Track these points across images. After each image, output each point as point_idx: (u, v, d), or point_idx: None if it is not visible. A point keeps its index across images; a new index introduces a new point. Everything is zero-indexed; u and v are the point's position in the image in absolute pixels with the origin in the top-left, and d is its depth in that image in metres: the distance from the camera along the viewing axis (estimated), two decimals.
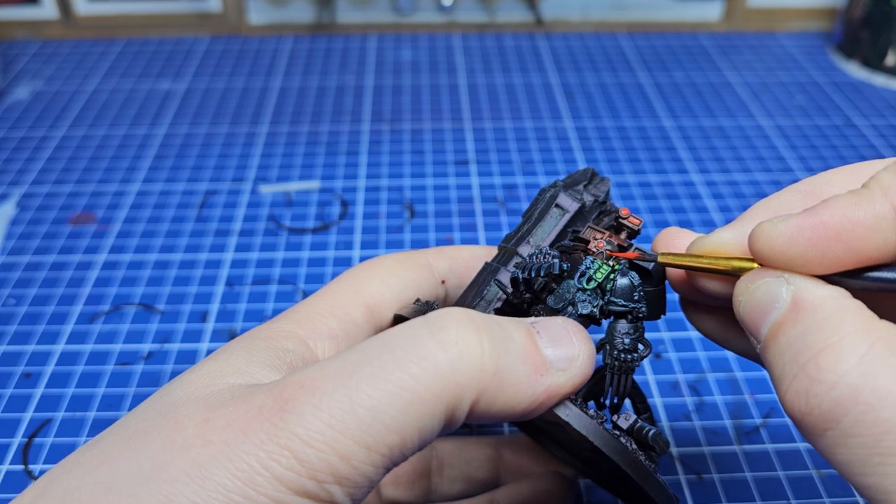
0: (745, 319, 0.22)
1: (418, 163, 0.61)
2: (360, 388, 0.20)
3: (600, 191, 0.29)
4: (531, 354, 0.22)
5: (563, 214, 0.28)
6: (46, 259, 0.51)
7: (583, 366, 0.23)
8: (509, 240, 0.29)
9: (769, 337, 0.21)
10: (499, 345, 0.21)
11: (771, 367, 0.21)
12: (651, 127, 0.66)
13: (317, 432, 0.19)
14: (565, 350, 0.23)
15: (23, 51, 0.78)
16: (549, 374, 0.22)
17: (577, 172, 0.30)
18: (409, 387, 0.20)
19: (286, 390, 0.20)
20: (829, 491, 0.36)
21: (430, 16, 0.83)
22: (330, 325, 0.27)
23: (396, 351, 0.21)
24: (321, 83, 0.73)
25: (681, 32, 0.83)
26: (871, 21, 0.72)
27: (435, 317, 0.22)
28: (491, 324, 0.22)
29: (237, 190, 0.58)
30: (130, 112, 0.68)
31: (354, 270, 0.30)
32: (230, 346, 0.25)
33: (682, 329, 0.45)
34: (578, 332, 0.24)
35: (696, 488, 0.37)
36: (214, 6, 0.81)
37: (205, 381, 0.23)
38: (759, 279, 0.22)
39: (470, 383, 0.21)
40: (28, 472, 0.37)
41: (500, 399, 0.21)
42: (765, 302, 0.21)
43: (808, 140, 0.64)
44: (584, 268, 0.26)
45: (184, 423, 0.21)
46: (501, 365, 0.21)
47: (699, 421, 0.40)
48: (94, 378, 0.42)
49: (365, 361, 0.20)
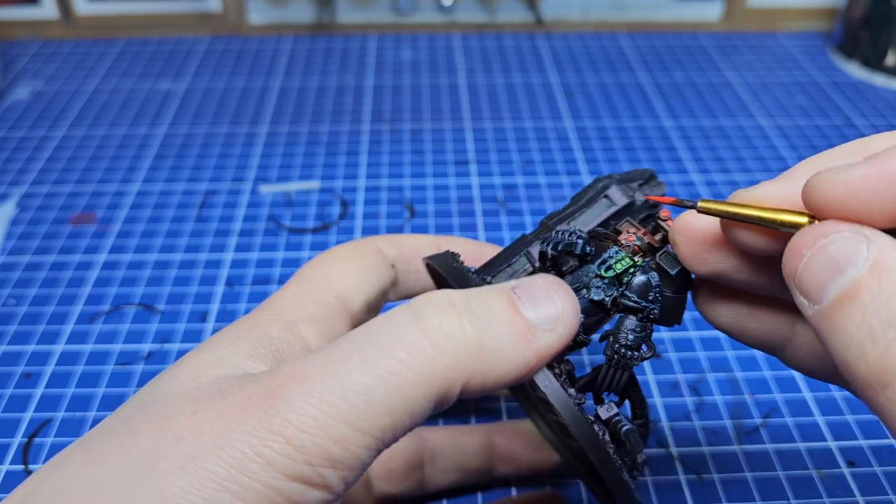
0: (805, 276, 0.19)
1: (418, 163, 0.61)
2: (350, 375, 0.20)
3: (654, 193, 0.29)
4: (515, 322, 0.22)
5: (610, 206, 0.28)
6: (46, 259, 0.51)
7: (568, 321, 0.23)
8: (552, 217, 0.29)
9: (843, 297, 0.18)
10: (480, 322, 0.22)
11: (839, 328, 0.18)
12: (651, 127, 0.66)
13: (309, 417, 0.20)
14: (548, 309, 0.23)
15: (23, 51, 0.78)
16: (536, 337, 0.22)
17: (636, 171, 0.30)
18: (397, 371, 0.20)
19: (275, 380, 0.21)
20: (830, 491, 0.36)
21: (430, 16, 0.83)
22: (310, 309, 0.28)
23: (382, 339, 0.21)
24: (321, 83, 0.73)
25: (681, 32, 0.83)
26: (871, 21, 0.72)
27: (417, 304, 0.22)
28: (471, 301, 0.22)
29: (237, 190, 0.58)
30: (130, 112, 0.68)
31: (316, 262, 0.31)
32: (214, 339, 0.25)
33: (683, 329, 0.45)
34: (559, 288, 0.23)
35: (695, 488, 0.37)
36: (214, 6, 0.81)
37: (191, 374, 0.23)
38: (833, 232, 0.19)
39: (457, 364, 0.21)
40: (28, 473, 0.37)
41: (491, 373, 0.22)
42: (840, 258, 0.19)
43: (809, 140, 0.64)
44: (607, 256, 0.26)
45: (172, 416, 0.21)
46: (486, 341, 0.21)
47: (699, 421, 0.40)
48: (95, 378, 0.42)
49: (353, 350, 0.21)
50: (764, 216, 0.22)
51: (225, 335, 0.25)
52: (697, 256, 0.25)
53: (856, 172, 0.19)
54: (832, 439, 0.39)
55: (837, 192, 0.19)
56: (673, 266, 0.26)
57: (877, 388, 0.18)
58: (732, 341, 0.45)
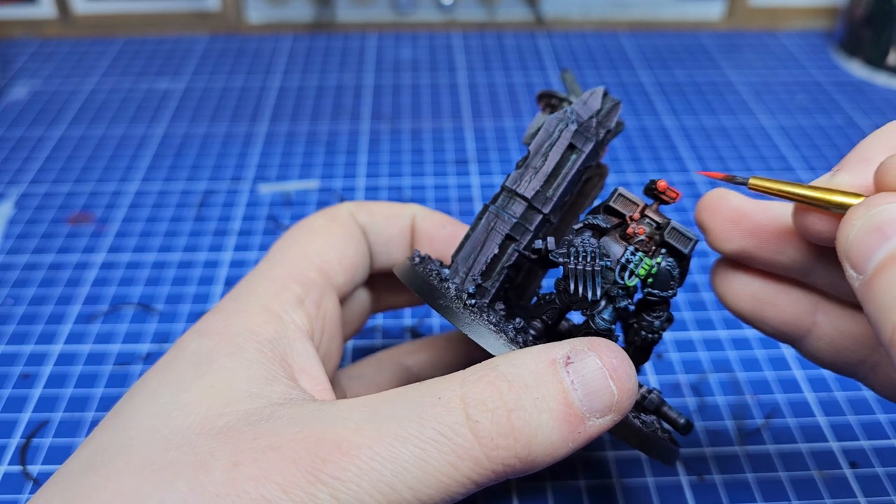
0: (854, 245, 0.20)
1: (418, 162, 0.61)
2: (402, 465, 0.20)
3: (612, 119, 0.28)
4: (566, 417, 0.22)
5: (579, 156, 0.27)
6: (44, 259, 0.51)
7: (622, 408, 0.23)
8: (516, 181, 0.27)
9: (885, 264, 0.19)
10: (533, 425, 0.21)
11: (882, 291, 0.19)
12: (652, 126, 0.66)
13: (358, 500, 0.20)
14: (604, 399, 0.22)
15: (21, 50, 0.78)
16: (586, 426, 0.22)
17: (588, 94, 0.28)
18: (447, 472, 0.21)
19: (321, 448, 0.20)
20: (832, 493, 0.36)
21: (430, 14, 0.82)
22: (295, 292, 0.27)
23: (435, 433, 0.21)
24: (320, 82, 0.73)
25: (682, 31, 0.83)
26: (873, 20, 0.72)
27: (469, 397, 0.21)
28: (523, 397, 0.21)
29: (236, 189, 0.58)
30: (129, 111, 0.68)
31: (292, 234, 0.30)
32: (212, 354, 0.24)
33: (684, 329, 0.45)
34: (617, 368, 0.23)
35: (697, 489, 0.36)
36: (213, 5, 0.80)
37: (212, 407, 0.22)
38: (884, 203, 0.20)
39: (504, 470, 0.21)
40: (26, 474, 0.37)
41: (536, 466, 0.22)
42: (888, 225, 0.19)
43: (810, 139, 0.64)
44: (625, 261, 0.25)
45: (208, 462, 0.20)
46: (536, 444, 0.21)
47: (700, 422, 0.40)
48: (93, 379, 0.42)
49: (406, 439, 0.21)
50: (817, 196, 0.22)
51: (224, 347, 0.24)
52: (725, 234, 0.26)
53: None
54: (834, 440, 0.39)
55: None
56: (685, 243, 0.25)
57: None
58: (734, 342, 0.44)
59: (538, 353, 0.22)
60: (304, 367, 0.26)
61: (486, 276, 0.27)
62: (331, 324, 0.29)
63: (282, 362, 0.25)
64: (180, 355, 0.25)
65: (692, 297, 0.48)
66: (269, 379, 0.23)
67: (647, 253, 0.25)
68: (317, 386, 0.25)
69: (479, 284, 0.27)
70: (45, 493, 0.21)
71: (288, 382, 0.24)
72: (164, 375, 0.24)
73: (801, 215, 0.23)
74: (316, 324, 0.28)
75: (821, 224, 0.23)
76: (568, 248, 0.25)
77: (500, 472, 0.21)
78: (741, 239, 0.26)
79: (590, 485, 0.37)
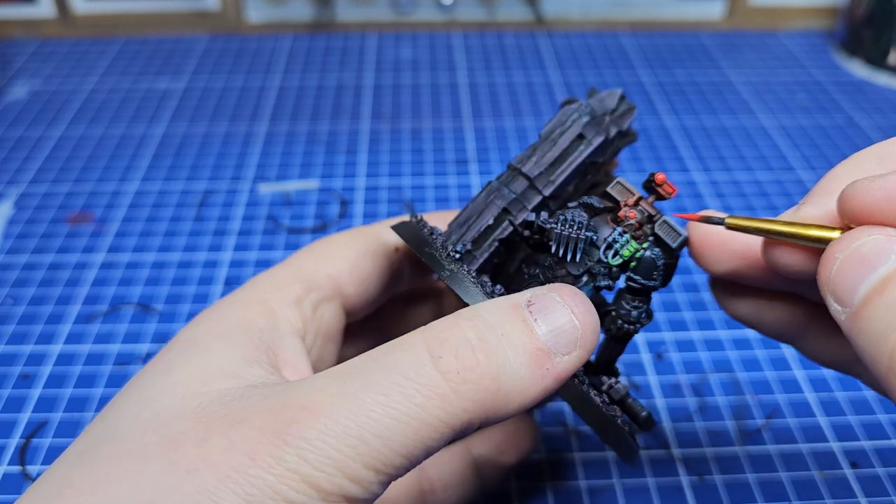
0: (837, 279, 0.20)
1: (418, 162, 0.61)
2: (367, 413, 0.20)
3: (625, 121, 0.28)
4: (532, 351, 0.22)
5: (587, 147, 0.27)
6: (44, 259, 0.51)
7: (587, 343, 0.23)
8: (522, 161, 0.28)
9: (874, 292, 0.19)
10: (499, 358, 0.21)
11: (868, 324, 0.19)
12: (653, 126, 0.66)
13: (326, 457, 0.20)
14: (567, 333, 0.22)
15: (20, 50, 0.78)
16: (554, 363, 0.22)
17: (605, 94, 0.29)
18: (415, 415, 0.20)
19: (287, 412, 0.20)
20: (833, 493, 0.36)
21: (430, 14, 0.82)
22: (295, 291, 0.28)
23: (399, 377, 0.21)
24: (320, 82, 0.73)
25: (683, 31, 0.83)
26: (873, 19, 0.72)
27: (432, 338, 0.22)
28: (486, 334, 0.22)
29: (235, 189, 0.58)
30: (128, 111, 0.68)
31: (311, 245, 0.31)
32: (202, 338, 0.25)
33: (684, 329, 0.45)
34: (578, 304, 0.23)
35: (698, 490, 0.36)
36: (213, 4, 0.80)
37: (190, 387, 0.22)
38: (866, 235, 0.20)
39: (476, 406, 0.21)
40: (25, 474, 0.37)
41: (510, 406, 0.21)
42: (872, 257, 0.19)
43: (811, 139, 0.64)
44: (612, 240, 0.25)
45: (180, 441, 0.20)
46: (504, 379, 0.21)
47: (701, 422, 0.40)
48: (92, 379, 0.42)
49: (369, 387, 0.20)
50: (794, 231, 0.22)
51: (215, 331, 0.25)
52: (715, 256, 0.26)
53: (891, 180, 0.20)
54: (835, 441, 0.39)
55: (873, 199, 0.20)
56: (673, 238, 0.26)
57: None
58: (734, 342, 0.44)
59: (500, 301, 0.23)
60: (289, 359, 0.26)
61: (476, 245, 0.27)
62: (327, 329, 0.29)
63: (267, 351, 0.25)
64: (173, 344, 0.25)
65: (692, 297, 0.48)
66: (250, 362, 0.24)
67: (635, 238, 0.26)
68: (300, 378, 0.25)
69: (469, 250, 0.27)
70: (39, 484, 0.21)
71: (268, 368, 0.24)
72: (154, 363, 0.25)
73: (769, 250, 0.24)
74: (310, 325, 0.28)
75: (790, 258, 0.23)
76: (558, 217, 0.25)
77: (471, 410, 0.21)
78: (730, 261, 0.26)
79: (590, 485, 0.37)
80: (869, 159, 0.23)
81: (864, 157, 0.23)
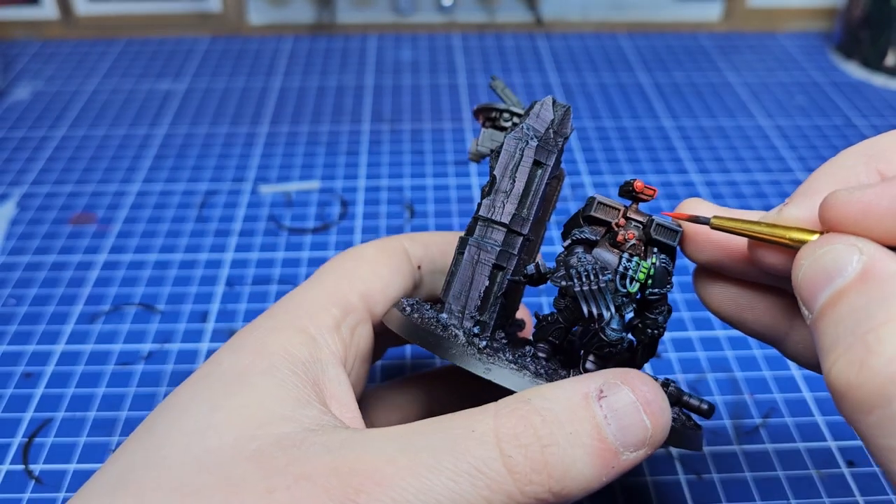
0: (803, 285, 0.21)
1: (418, 163, 0.61)
2: (436, 498, 0.20)
3: (566, 125, 0.28)
4: (599, 452, 0.22)
5: (545, 171, 0.28)
6: (46, 259, 0.51)
7: (655, 443, 0.23)
8: (489, 209, 0.27)
9: (828, 304, 0.19)
10: (566, 459, 0.21)
11: (822, 336, 0.19)
12: (651, 127, 0.66)
13: None
14: (637, 434, 0.22)
15: (23, 51, 0.78)
16: (619, 460, 0.22)
17: (539, 106, 0.28)
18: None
19: (354, 478, 0.20)
20: (829, 491, 0.36)
21: (430, 16, 0.83)
22: (334, 315, 0.27)
23: (469, 466, 0.21)
24: (321, 83, 0.73)
25: (681, 32, 0.83)
26: (870, 21, 0.72)
27: (502, 428, 0.21)
28: (556, 432, 0.21)
29: (237, 190, 0.58)
30: (130, 112, 0.68)
31: (340, 260, 0.30)
32: (246, 373, 0.24)
33: (682, 329, 0.46)
34: (651, 402, 0.23)
35: (695, 488, 0.37)
36: (214, 6, 0.81)
37: (244, 429, 0.22)
38: (829, 244, 0.20)
39: (537, 502, 0.21)
40: (28, 472, 0.37)
41: (569, 498, 0.22)
42: (831, 268, 0.20)
43: (808, 140, 0.64)
44: (623, 269, 0.25)
45: (242, 486, 0.20)
46: (569, 479, 0.21)
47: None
48: (95, 378, 0.42)
49: (439, 470, 0.21)
50: (775, 233, 0.23)
51: (258, 365, 0.24)
52: (698, 244, 0.26)
53: (869, 192, 0.20)
54: (832, 439, 0.39)
55: (849, 211, 0.20)
56: (671, 237, 0.26)
57: (841, 391, 0.18)
58: (732, 341, 0.45)
59: (570, 388, 0.22)
60: (335, 393, 0.26)
61: (482, 310, 0.27)
62: (363, 351, 0.29)
63: (314, 386, 0.25)
64: (214, 372, 0.25)
65: (690, 296, 0.48)
66: (302, 402, 0.23)
67: (641, 256, 0.26)
68: (347, 413, 0.25)
69: (479, 320, 0.27)
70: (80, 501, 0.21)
71: (320, 407, 0.24)
72: (196, 391, 0.24)
73: (753, 249, 0.24)
74: (350, 350, 0.28)
75: (772, 258, 0.23)
76: (567, 271, 0.25)
77: (532, 502, 0.21)
78: (713, 251, 0.26)
79: None
80: (856, 157, 0.23)
81: (850, 155, 0.24)
